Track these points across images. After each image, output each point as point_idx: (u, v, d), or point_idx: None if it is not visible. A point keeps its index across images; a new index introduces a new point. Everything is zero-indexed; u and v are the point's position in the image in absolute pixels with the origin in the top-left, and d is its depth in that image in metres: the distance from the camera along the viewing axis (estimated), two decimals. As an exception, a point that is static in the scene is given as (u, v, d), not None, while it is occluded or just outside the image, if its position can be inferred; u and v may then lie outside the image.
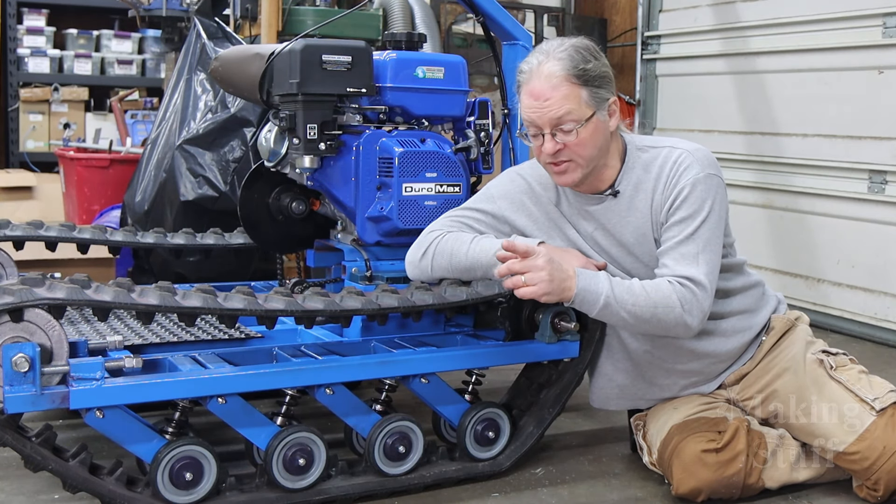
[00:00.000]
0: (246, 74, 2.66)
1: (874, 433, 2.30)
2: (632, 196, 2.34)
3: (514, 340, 2.53)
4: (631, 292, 2.22)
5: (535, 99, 2.25)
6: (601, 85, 2.27)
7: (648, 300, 2.21)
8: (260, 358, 2.41)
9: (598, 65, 2.27)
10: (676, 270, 2.24)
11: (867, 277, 4.19)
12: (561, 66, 2.23)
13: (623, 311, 2.21)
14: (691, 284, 2.22)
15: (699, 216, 2.26)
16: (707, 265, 2.25)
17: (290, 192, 2.82)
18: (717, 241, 2.28)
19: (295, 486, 2.24)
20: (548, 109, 2.23)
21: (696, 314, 2.23)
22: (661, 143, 2.39)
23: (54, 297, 2.00)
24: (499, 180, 2.51)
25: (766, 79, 4.74)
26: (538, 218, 2.43)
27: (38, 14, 6.17)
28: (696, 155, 2.30)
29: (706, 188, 2.27)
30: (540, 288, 2.15)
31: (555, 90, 2.23)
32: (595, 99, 2.26)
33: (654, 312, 2.21)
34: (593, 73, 2.25)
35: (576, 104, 2.23)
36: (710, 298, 2.26)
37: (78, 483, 2.09)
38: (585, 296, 2.19)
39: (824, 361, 2.43)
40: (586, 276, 2.21)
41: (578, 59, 2.24)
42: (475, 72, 5.30)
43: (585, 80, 2.24)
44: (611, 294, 2.20)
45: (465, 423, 2.45)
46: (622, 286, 2.22)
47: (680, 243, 2.26)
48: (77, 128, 6.00)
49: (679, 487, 2.33)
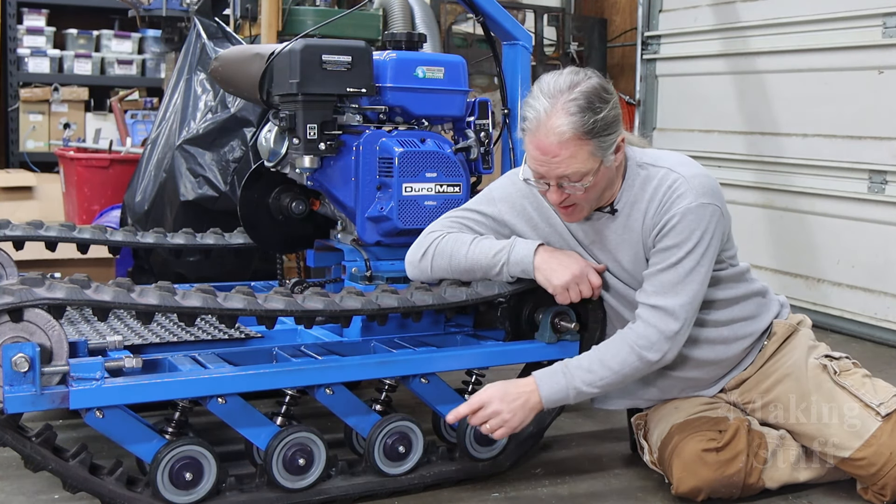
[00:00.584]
0: (246, 74, 2.66)
1: (880, 439, 2.29)
2: (628, 214, 2.32)
3: (514, 340, 2.53)
4: (591, 371, 2.27)
5: (542, 154, 2.17)
6: (611, 132, 2.19)
7: (610, 369, 2.26)
8: (260, 358, 2.41)
9: (607, 112, 2.18)
10: (650, 299, 2.26)
11: (867, 277, 4.19)
12: (570, 125, 2.13)
13: (593, 390, 2.28)
14: (659, 316, 2.24)
15: (685, 246, 2.23)
16: (686, 295, 2.24)
17: (290, 192, 2.82)
18: (702, 271, 2.25)
19: (295, 486, 2.24)
20: (555, 167, 2.17)
21: (662, 348, 2.25)
22: (662, 161, 2.33)
23: (54, 297, 2.00)
24: (500, 182, 2.50)
25: (766, 79, 4.74)
26: (538, 223, 2.42)
27: (38, 14, 6.18)
28: (692, 182, 2.24)
29: (696, 218, 2.23)
30: (508, 427, 2.25)
31: (563, 148, 2.15)
32: (602, 147, 2.18)
33: (623, 376, 2.28)
34: (602, 123, 2.16)
35: (583, 161, 2.16)
36: (684, 327, 2.25)
37: (78, 483, 2.09)
38: (555, 401, 2.28)
39: (828, 367, 2.42)
40: (545, 382, 2.27)
41: (588, 112, 2.14)
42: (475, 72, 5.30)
43: (595, 133, 2.15)
44: (574, 386, 2.26)
45: (465, 423, 2.44)
46: (580, 370, 2.27)
47: (661, 271, 2.26)
48: (77, 128, 6.01)
49: (679, 486, 2.33)
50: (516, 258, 2.33)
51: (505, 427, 2.25)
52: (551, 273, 2.31)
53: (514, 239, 2.38)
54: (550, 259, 2.33)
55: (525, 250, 2.33)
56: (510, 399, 2.25)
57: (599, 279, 2.36)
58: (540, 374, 2.29)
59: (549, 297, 2.39)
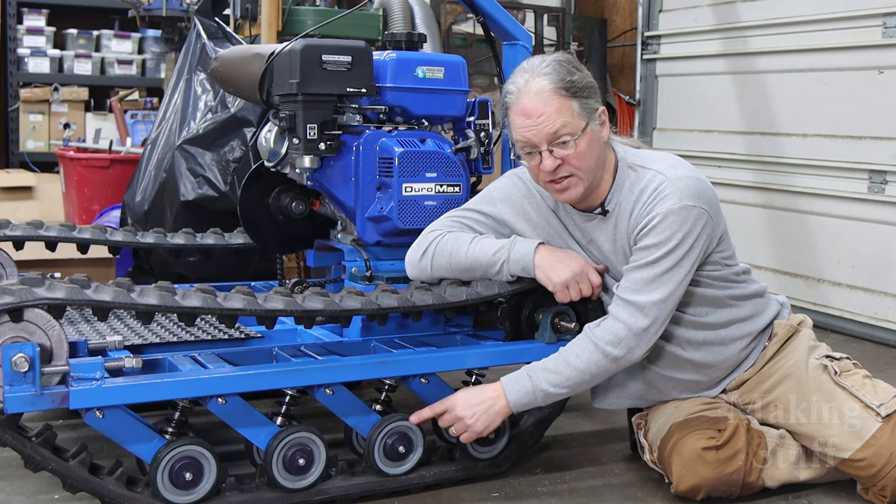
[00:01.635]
0: (246, 74, 2.66)
1: (880, 440, 2.29)
2: (617, 217, 2.33)
3: (514, 340, 2.53)
4: (556, 372, 2.28)
5: (528, 117, 2.22)
6: (589, 95, 2.26)
7: (576, 369, 2.27)
8: (260, 358, 2.41)
9: (582, 76, 2.26)
10: (622, 294, 2.26)
11: (867, 277, 4.19)
12: (549, 81, 2.22)
13: (562, 390, 2.30)
14: (628, 311, 2.23)
15: (664, 247, 2.22)
16: (659, 293, 2.22)
17: (290, 192, 2.82)
18: (681, 272, 2.23)
19: (295, 486, 2.24)
20: (543, 125, 2.21)
21: (629, 344, 2.24)
22: (651, 163, 2.32)
23: (54, 297, 2.00)
24: (500, 182, 2.50)
25: (766, 79, 4.74)
26: (537, 223, 2.43)
27: (38, 14, 6.18)
28: (678, 185, 2.23)
29: (679, 220, 2.21)
30: (471, 432, 2.31)
31: (547, 105, 2.21)
32: (585, 109, 2.24)
33: (590, 375, 2.29)
34: (580, 84, 2.24)
35: (569, 116, 2.22)
36: (653, 325, 2.24)
37: (78, 483, 2.09)
38: (523, 404, 2.31)
39: (828, 367, 2.42)
40: (511, 386, 2.30)
41: (563, 72, 2.23)
42: (475, 72, 5.30)
43: (574, 92, 2.22)
44: (541, 388, 2.29)
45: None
46: (546, 371, 2.29)
47: (637, 268, 2.25)
48: (77, 128, 6.01)
49: (679, 485, 2.33)
50: (516, 256, 2.33)
51: (468, 432, 2.31)
52: (551, 271, 2.32)
53: (514, 238, 2.38)
54: (550, 257, 2.33)
55: (525, 248, 2.33)
56: (473, 404, 2.30)
57: (599, 278, 2.36)
58: (506, 379, 2.33)
59: (550, 297, 2.39)
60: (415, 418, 2.34)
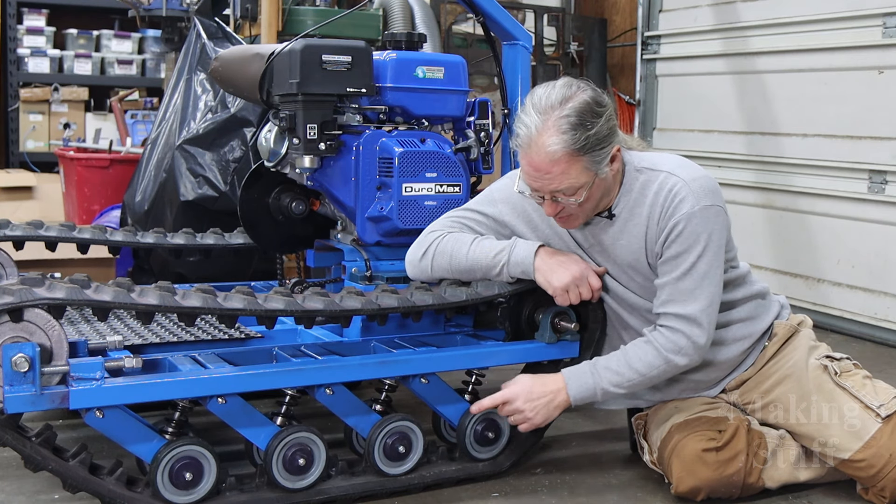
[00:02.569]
0: (246, 74, 2.66)
1: (880, 440, 2.29)
2: (626, 219, 2.32)
3: (514, 340, 2.53)
4: (619, 373, 2.31)
5: (535, 170, 2.19)
6: (604, 145, 2.18)
7: (637, 371, 2.30)
8: (260, 358, 2.41)
9: (600, 126, 2.16)
10: (671, 308, 2.27)
11: (867, 277, 4.19)
12: (560, 144, 2.13)
13: (620, 391, 2.33)
14: (684, 324, 2.25)
15: (694, 251, 2.23)
16: (705, 300, 2.25)
17: (290, 192, 2.82)
18: (716, 272, 2.26)
19: (295, 486, 2.24)
20: (548, 182, 2.19)
21: (689, 353, 2.28)
22: (660, 165, 2.31)
23: (54, 297, 2.00)
24: (502, 183, 2.50)
25: (766, 79, 4.74)
26: (538, 225, 2.42)
27: (38, 14, 6.18)
28: (693, 186, 2.24)
29: (701, 221, 2.23)
30: (531, 424, 2.35)
31: (554, 166, 2.15)
32: (595, 162, 2.18)
33: (649, 378, 2.32)
34: (595, 139, 2.15)
35: (577, 177, 2.17)
36: (708, 331, 2.27)
37: (78, 483, 2.09)
38: (582, 398, 2.34)
39: (828, 367, 2.42)
40: (573, 381, 2.33)
41: (580, 129, 2.13)
42: (475, 72, 5.30)
43: (587, 150, 2.15)
44: (601, 386, 2.31)
45: (465, 423, 2.44)
46: (608, 371, 2.32)
47: (677, 279, 2.26)
48: (77, 128, 6.01)
49: (679, 486, 2.33)
50: (516, 259, 2.33)
51: (528, 424, 2.35)
52: (551, 274, 2.31)
53: (514, 240, 2.38)
54: (551, 260, 2.33)
55: (525, 251, 2.33)
56: (535, 398, 2.32)
57: (599, 281, 2.36)
58: (568, 374, 2.34)
59: (550, 298, 2.39)
60: (475, 408, 2.38)
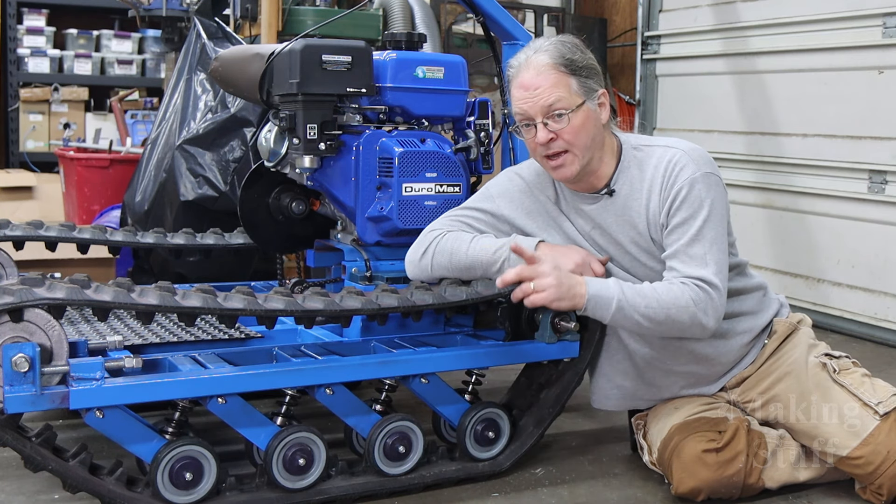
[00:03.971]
0: (246, 74, 2.66)
1: (878, 438, 2.29)
2: (627, 195, 2.34)
3: (514, 340, 2.53)
4: (642, 295, 2.22)
5: (526, 89, 2.29)
6: (589, 75, 2.31)
7: (660, 301, 2.21)
8: (260, 358, 2.41)
9: (584, 57, 2.32)
10: (686, 272, 2.24)
11: (867, 277, 4.19)
12: (548, 56, 2.29)
13: (636, 314, 2.21)
14: (703, 285, 2.23)
15: (700, 215, 2.25)
16: (716, 264, 2.24)
17: (290, 192, 2.82)
18: (722, 239, 2.28)
19: (295, 486, 2.24)
20: (538, 98, 2.27)
21: (710, 313, 2.23)
22: (656, 142, 2.39)
23: (54, 297, 2.00)
24: (497, 180, 2.51)
25: (766, 79, 4.74)
26: (537, 216, 2.43)
27: (38, 14, 6.18)
28: (692, 154, 2.30)
29: (704, 186, 2.26)
30: (549, 294, 2.16)
31: (544, 78, 2.27)
32: (584, 88, 2.29)
33: (668, 314, 2.21)
34: (580, 64, 2.30)
35: (565, 91, 2.27)
36: (723, 296, 2.26)
37: (78, 483, 2.09)
38: (598, 301, 2.20)
39: (827, 365, 2.42)
40: (595, 281, 2.23)
41: (564, 50, 2.30)
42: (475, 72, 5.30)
43: (573, 70, 2.28)
44: (623, 297, 2.20)
45: (465, 423, 2.45)
46: (632, 289, 2.23)
47: (686, 245, 2.25)
48: (77, 128, 6.01)
49: (679, 487, 2.33)
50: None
51: (544, 294, 2.17)
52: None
53: (514, 236, 2.38)
54: (552, 253, 2.33)
55: (526, 245, 2.33)
56: (564, 274, 2.19)
57: (602, 268, 2.35)
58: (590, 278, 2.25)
59: (549, 298, 2.38)
60: (500, 283, 2.22)
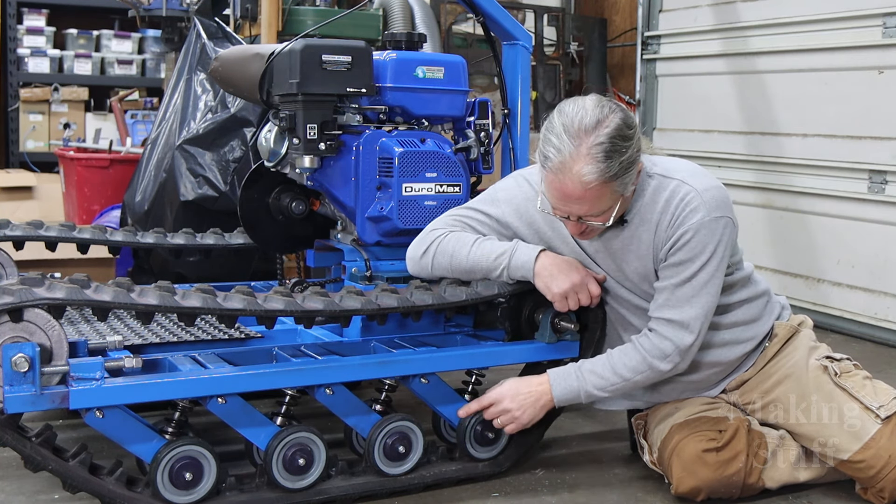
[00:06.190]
0: (246, 74, 2.66)
1: (879, 441, 2.29)
2: (637, 225, 2.30)
3: (514, 340, 2.53)
4: (602, 377, 2.34)
5: (565, 197, 2.15)
6: (632, 167, 2.15)
7: (620, 378, 2.34)
8: (260, 358, 2.41)
9: (631, 150, 2.13)
10: (665, 313, 2.29)
11: (867, 277, 4.19)
12: (596, 174, 2.09)
13: (604, 394, 2.36)
14: (674, 329, 2.27)
15: (698, 261, 2.23)
16: (701, 308, 2.26)
17: (290, 192, 2.82)
18: (716, 282, 2.27)
19: (295, 486, 2.24)
20: (577, 208, 2.17)
21: (675, 360, 2.30)
22: (673, 172, 2.28)
23: (54, 297, 2.00)
24: (506, 183, 2.48)
25: (766, 79, 4.74)
26: (541, 227, 2.41)
27: (38, 14, 6.18)
28: (705, 196, 2.22)
29: (710, 232, 2.22)
30: (518, 424, 2.38)
31: (587, 194, 2.12)
32: (625, 184, 2.16)
33: (633, 383, 2.34)
34: (626, 164, 2.12)
35: (606, 202, 2.16)
36: (696, 338, 2.28)
37: (78, 483, 2.09)
38: (566, 399, 2.38)
39: (828, 368, 2.42)
40: (558, 383, 2.36)
41: (614, 156, 2.09)
42: (475, 72, 5.31)
43: (618, 175, 2.12)
44: (586, 387, 2.35)
45: (465, 423, 2.44)
46: (593, 375, 2.35)
47: (676, 286, 2.27)
48: (77, 128, 6.01)
49: (679, 486, 2.33)
50: (517, 263, 2.33)
51: (515, 423, 2.38)
52: (551, 280, 2.31)
53: (516, 242, 2.37)
54: (551, 266, 2.32)
55: (526, 256, 2.33)
56: (521, 398, 2.36)
57: (598, 288, 2.36)
58: (554, 374, 2.37)
59: (549, 298, 2.39)
60: (463, 412, 2.40)
